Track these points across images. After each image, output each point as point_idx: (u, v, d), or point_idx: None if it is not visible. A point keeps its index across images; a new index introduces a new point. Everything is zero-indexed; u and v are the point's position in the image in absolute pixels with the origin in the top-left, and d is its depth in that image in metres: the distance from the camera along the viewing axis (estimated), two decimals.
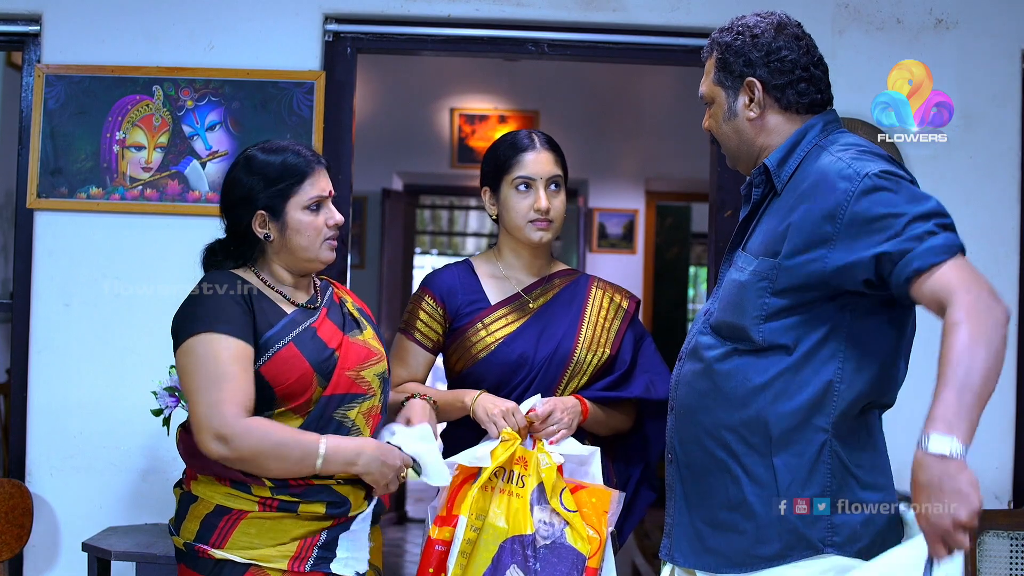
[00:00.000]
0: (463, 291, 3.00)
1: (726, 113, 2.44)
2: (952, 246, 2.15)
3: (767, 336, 2.27)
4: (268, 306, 2.55)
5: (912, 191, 2.20)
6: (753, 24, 2.42)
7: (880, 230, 2.16)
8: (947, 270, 2.13)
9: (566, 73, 7.32)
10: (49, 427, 3.76)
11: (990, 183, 3.87)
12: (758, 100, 2.39)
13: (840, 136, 2.38)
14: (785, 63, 2.39)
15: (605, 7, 3.89)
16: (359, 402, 2.59)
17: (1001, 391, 3.82)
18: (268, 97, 3.80)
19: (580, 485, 2.85)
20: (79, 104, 3.78)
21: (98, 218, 3.79)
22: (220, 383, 2.42)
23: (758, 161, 2.43)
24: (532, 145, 2.95)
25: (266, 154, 2.60)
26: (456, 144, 7.67)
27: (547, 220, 2.93)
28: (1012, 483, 3.86)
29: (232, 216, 2.61)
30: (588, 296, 3.02)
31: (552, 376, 2.93)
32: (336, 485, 2.52)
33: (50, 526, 3.76)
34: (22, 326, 3.80)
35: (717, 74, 2.43)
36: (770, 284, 2.27)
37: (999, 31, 3.87)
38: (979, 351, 2.07)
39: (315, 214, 2.59)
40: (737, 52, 2.40)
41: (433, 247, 12.95)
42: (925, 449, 2.02)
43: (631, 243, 7.79)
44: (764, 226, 2.36)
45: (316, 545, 2.52)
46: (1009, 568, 3.63)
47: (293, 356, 2.51)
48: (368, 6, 3.87)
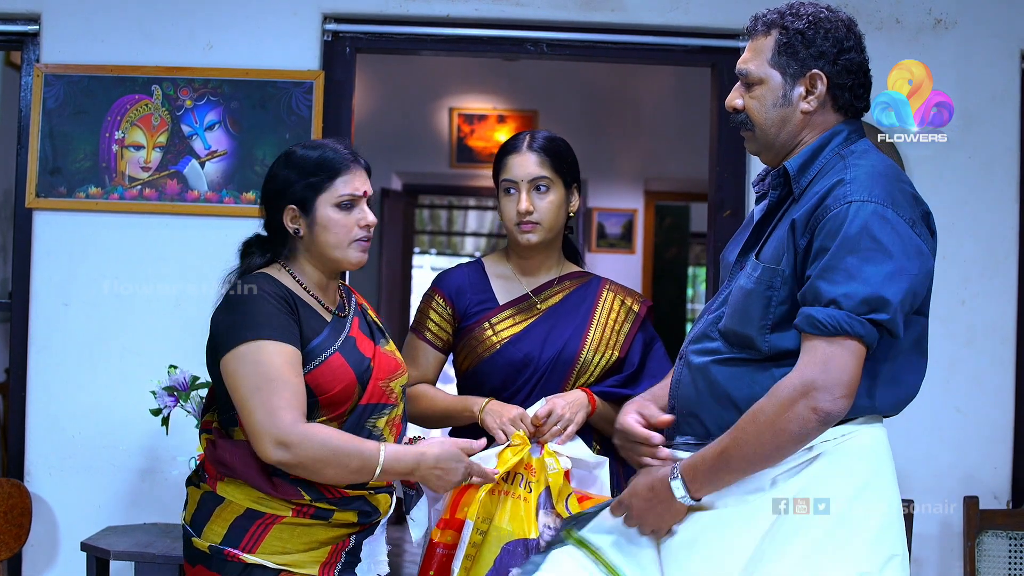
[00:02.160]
0: (472, 290, 3.01)
1: (779, 99, 2.32)
2: (844, 329, 2.12)
3: (773, 345, 2.24)
4: (309, 313, 2.52)
5: (882, 255, 2.14)
6: (824, 17, 2.32)
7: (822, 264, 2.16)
8: (815, 345, 2.14)
9: (565, 73, 7.31)
10: (48, 427, 3.76)
11: (989, 183, 3.87)
12: (819, 95, 2.30)
13: (860, 146, 2.33)
14: (852, 64, 2.32)
15: (604, 7, 3.89)
16: (387, 412, 2.58)
17: (999, 392, 3.86)
18: (267, 97, 3.80)
19: (587, 495, 2.85)
20: (78, 104, 3.78)
21: (97, 218, 3.79)
22: (277, 389, 2.37)
23: (789, 155, 2.35)
24: (517, 148, 2.94)
25: (305, 149, 2.59)
26: (455, 144, 7.67)
27: (531, 223, 2.91)
28: (1011, 483, 3.86)
29: (268, 210, 2.59)
30: (598, 298, 3.01)
31: (558, 377, 2.92)
32: (370, 496, 2.52)
33: (49, 526, 3.76)
34: (21, 326, 3.80)
35: (777, 57, 2.30)
36: (774, 293, 2.23)
37: (998, 31, 3.87)
38: (760, 430, 2.15)
39: (346, 212, 2.54)
40: (808, 41, 2.29)
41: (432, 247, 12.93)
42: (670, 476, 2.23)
43: (630, 243, 7.79)
44: (778, 232, 2.30)
45: (345, 550, 2.52)
46: (1008, 568, 3.64)
47: (340, 366, 2.48)
48: (367, 6, 3.87)
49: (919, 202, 2.27)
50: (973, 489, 3.79)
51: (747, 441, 2.15)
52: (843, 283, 2.12)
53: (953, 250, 3.83)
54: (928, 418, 3.81)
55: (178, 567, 3.28)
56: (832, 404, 2.11)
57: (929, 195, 3.83)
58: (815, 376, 2.11)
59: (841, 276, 2.12)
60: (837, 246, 2.13)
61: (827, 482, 2.20)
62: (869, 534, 2.20)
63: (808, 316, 2.14)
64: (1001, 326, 3.87)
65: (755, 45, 2.35)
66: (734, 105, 2.38)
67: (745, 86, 2.36)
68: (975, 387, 3.85)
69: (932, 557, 3.81)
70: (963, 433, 3.84)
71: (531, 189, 2.91)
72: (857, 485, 2.22)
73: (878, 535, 2.21)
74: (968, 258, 3.84)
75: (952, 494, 3.78)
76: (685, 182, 7.61)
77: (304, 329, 2.47)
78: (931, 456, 3.83)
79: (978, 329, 3.85)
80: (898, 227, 2.16)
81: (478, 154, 7.61)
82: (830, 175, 2.25)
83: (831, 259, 2.13)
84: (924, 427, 3.82)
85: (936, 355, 3.76)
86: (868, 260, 2.13)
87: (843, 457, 2.22)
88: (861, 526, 2.20)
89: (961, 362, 3.86)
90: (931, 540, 3.81)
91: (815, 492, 2.19)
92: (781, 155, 2.36)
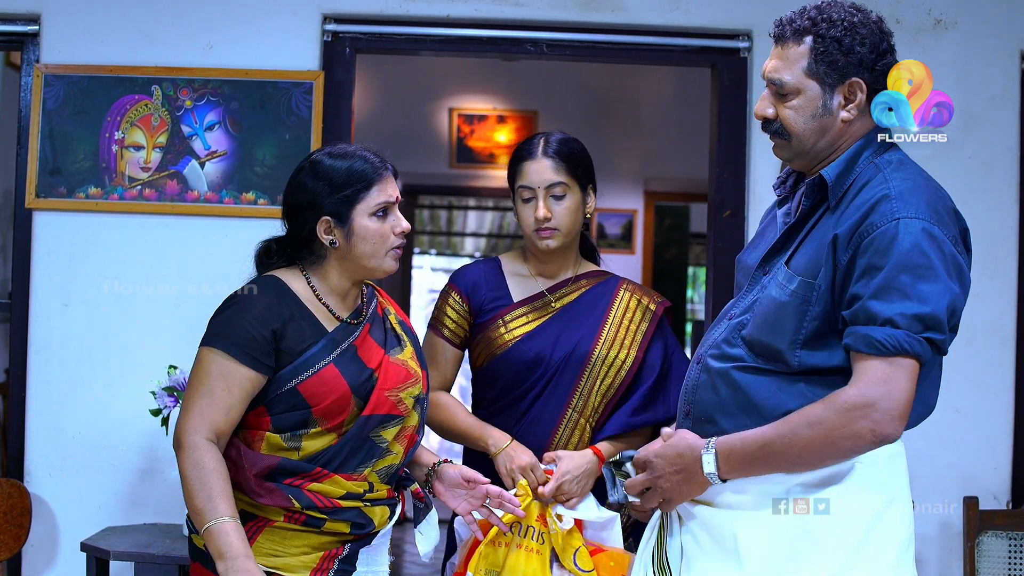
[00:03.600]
0: (487, 287, 3.01)
1: (819, 109, 2.25)
2: (904, 349, 2.10)
3: (803, 361, 2.20)
4: (308, 324, 2.51)
5: (933, 273, 2.11)
6: (859, 21, 2.27)
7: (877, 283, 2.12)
8: (872, 365, 2.11)
9: (565, 73, 7.31)
10: (48, 427, 3.76)
11: (989, 183, 3.87)
12: (859, 103, 2.26)
13: (895, 155, 2.30)
14: (888, 68, 2.29)
15: (604, 7, 3.89)
16: (396, 423, 2.56)
17: (999, 392, 3.86)
18: (267, 97, 3.79)
19: (599, 548, 2.86)
20: (78, 104, 3.78)
21: (97, 218, 3.79)
22: (202, 395, 2.42)
23: (824, 162, 2.30)
24: (532, 154, 2.94)
25: (333, 159, 2.55)
26: (455, 144, 7.67)
27: (550, 229, 2.92)
28: (1011, 483, 3.86)
29: (296, 220, 2.56)
30: (615, 297, 3.00)
31: (570, 376, 2.92)
32: (365, 507, 2.51)
33: (49, 526, 3.76)
34: (20, 326, 3.80)
35: (815, 65, 2.24)
36: (809, 308, 2.19)
37: (998, 31, 3.87)
38: (813, 437, 2.12)
39: (382, 221, 2.55)
40: (846, 49, 2.23)
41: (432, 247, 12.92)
42: (703, 451, 2.20)
43: (630, 243, 7.79)
44: (813, 242, 2.24)
45: (338, 558, 2.50)
46: (1008, 568, 3.64)
47: (334, 377, 2.48)
48: (367, 6, 3.87)
49: (959, 218, 2.24)
50: (973, 489, 3.79)
51: (796, 443, 2.12)
52: (899, 302, 2.09)
53: None
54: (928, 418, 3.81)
55: (178, 567, 3.29)
56: (890, 426, 2.10)
57: None
58: (878, 397, 2.09)
59: (896, 295, 2.09)
60: (891, 265, 2.10)
61: (855, 496, 2.20)
62: (894, 549, 2.22)
63: (865, 336, 2.10)
64: (1001, 326, 3.86)
65: (786, 53, 2.27)
66: (766, 115, 2.31)
67: (778, 95, 2.29)
68: (975, 387, 3.85)
69: (932, 557, 3.81)
70: (963, 433, 3.84)
71: (548, 195, 2.91)
72: (884, 500, 2.23)
73: (901, 551, 2.23)
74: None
75: (952, 494, 3.77)
76: (685, 182, 7.61)
77: (294, 343, 2.47)
78: (931, 456, 3.82)
79: (978, 329, 3.84)
80: (944, 245, 2.14)
81: (478, 154, 7.60)
82: (870, 187, 2.20)
83: (885, 278, 2.10)
84: (923, 427, 3.77)
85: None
86: (922, 278, 2.10)
87: (871, 471, 2.22)
88: (888, 540, 2.21)
89: (961, 362, 3.84)
90: (931, 540, 3.81)
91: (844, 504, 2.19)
92: (815, 162, 2.31)
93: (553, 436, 2.91)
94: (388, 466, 2.57)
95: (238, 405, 2.44)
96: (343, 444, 2.49)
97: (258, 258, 2.62)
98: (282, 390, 2.46)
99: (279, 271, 2.57)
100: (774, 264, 2.31)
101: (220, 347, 2.44)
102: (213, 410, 2.41)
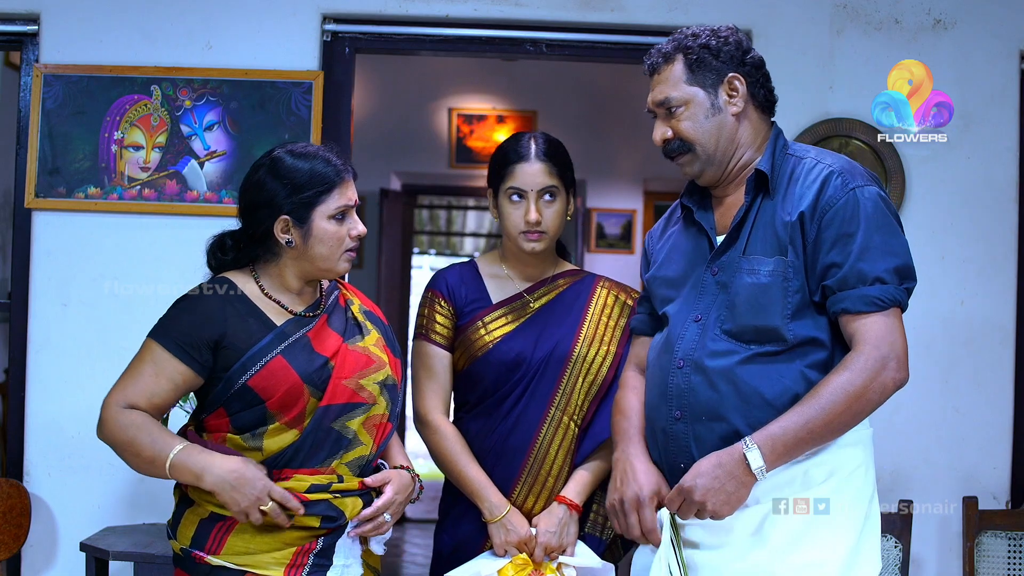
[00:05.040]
0: (466, 289, 3.00)
1: (708, 110, 2.46)
2: (897, 300, 2.31)
3: (797, 333, 2.34)
4: (257, 321, 2.53)
5: (897, 228, 2.36)
6: (715, 29, 2.50)
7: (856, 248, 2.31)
8: (872, 320, 2.29)
9: (564, 73, 7.31)
10: (47, 427, 3.76)
11: (988, 183, 3.87)
12: (742, 94, 2.46)
13: (796, 145, 2.51)
14: (756, 61, 2.50)
15: (603, 7, 3.89)
16: (360, 412, 2.56)
17: (998, 392, 3.86)
18: (266, 97, 3.80)
19: None
20: (77, 104, 3.78)
21: (96, 218, 3.79)
22: (129, 375, 2.52)
23: (730, 163, 2.49)
24: (526, 156, 2.91)
25: (294, 159, 2.55)
26: (454, 144, 7.67)
27: (538, 232, 2.90)
28: (1010, 483, 3.86)
29: (252, 218, 2.57)
30: (592, 294, 3.00)
31: (552, 376, 2.91)
32: (334, 499, 2.51)
33: (48, 526, 3.76)
34: (20, 326, 3.80)
35: (691, 75, 2.46)
36: (789, 283, 2.34)
37: (997, 31, 3.87)
38: (839, 398, 2.26)
39: (340, 224, 2.56)
40: (714, 51, 2.46)
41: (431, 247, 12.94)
42: (743, 449, 2.27)
43: (629, 243, 7.79)
44: (761, 228, 2.41)
45: (312, 552, 2.50)
46: (1007, 568, 3.64)
47: (282, 368, 2.49)
48: (366, 6, 3.87)
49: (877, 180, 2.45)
50: (972, 489, 3.79)
51: (834, 412, 2.26)
52: (880, 259, 2.30)
53: (952, 250, 3.83)
54: (927, 418, 3.81)
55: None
56: (904, 371, 2.30)
57: (928, 195, 3.88)
58: (889, 348, 2.27)
59: (876, 254, 2.30)
60: (863, 229, 2.31)
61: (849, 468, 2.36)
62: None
63: (862, 296, 2.28)
64: (1000, 326, 3.86)
65: (663, 77, 2.49)
66: (664, 137, 2.52)
67: (668, 115, 2.49)
68: (974, 387, 3.85)
69: (931, 557, 3.81)
70: (962, 433, 3.84)
71: (539, 198, 2.90)
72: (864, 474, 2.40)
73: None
74: (967, 258, 3.84)
75: (951, 494, 3.78)
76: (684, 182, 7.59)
77: (240, 342, 2.50)
78: (930, 456, 3.83)
79: (977, 329, 3.85)
80: (889, 205, 2.38)
81: (477, 154, 7.60)
82: (805, 168, 2.41)
83: (863, 241, 2.29)
84: (923, 427, 3.82)
85: (935, 355, 3.81)
86: (891, 235, 2.33)
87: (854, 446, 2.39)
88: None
89: (960, 362, 3.86)
90: (930, 540, 3.81)
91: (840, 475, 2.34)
92: (724, 164, 2.50)
93: (536, 436, 2.90)
94: (358, 457, 2.57)
95: (163, 395, 2.50)
96: (305, 438, 2.50)
97: (211, 253, 2.64)
98: (235, 388, 2.48)
99: (231, 273, 2.60)
100: (726, 261, 2.44)
101: (159, 339, 2.51)
102: (136, 391, 2.49)
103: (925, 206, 3.84)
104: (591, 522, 2.95)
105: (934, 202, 3.85)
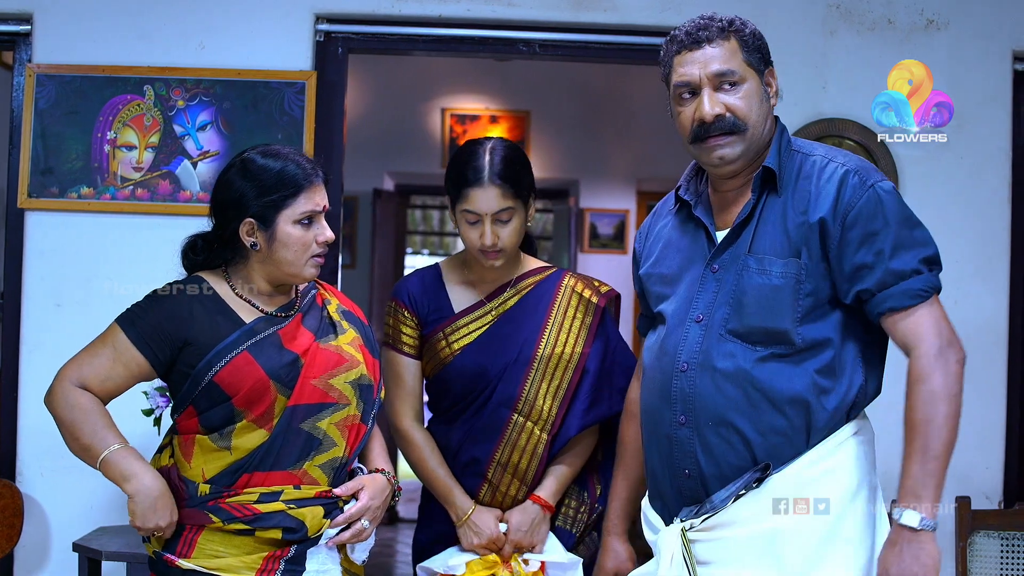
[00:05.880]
0: (428, 299, 2.96)
1: (762, 94, 2.39)
2: (937, 287, 2.30)
3: (805, 337, 2.29)
4: (225, 319, 2.51)
5: (916, 218, 2.34)
6: (743, 21, 2.42)
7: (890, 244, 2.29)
8: (918, 312, 2.27)
9: (557, 73, 7.31)
10: (40, 427, 3.74)
11: (981, 183, 3.88)
12: (776, 90, 2.43)
13: (798, 140, 2.46)
14: (771, 63, 2.45)
15: (596, 7, 3.89)
16: (329, 412, 2.52)
17: (991, 392, 3.86)
18: (259, 97, 3.79)
19: None
20: (70, 104, 3.77)
21: (89, 218, 3.79)
22: (86, 356, 2.53)
23: (759, 155, 2.40)
24: (480, 179, 2.81)
25: (264, 159, 2.53)
26: (447, 144, 7.66)
27: (496, 251, 2.85)
28: (1002, 483, 3.87)
29: (220, 217, 2.56)
30: (557, 291, 2.95)
31: (514, 381, 2.88)
32: (290, 510, 2.48)
33: (40, 526, 3.75)
34: (13, 326, 3.80)
35: (748, 55, 2.37)
36: (801, 286, 2.29)
37: (990, 32, 3.88)
38: (940, 408, 2.24)
39: (306, 229, 2.51)
40: (759, 40, 2.40)
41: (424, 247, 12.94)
42: (898, 520, 2.26)
43: (622, 243, 7.79)
44: (770, 225, 2.35)
45: (283, 559, 2.48)
46: (1000, 568, 3.64)
47: (247, 363, 2.46)
48: (359, 6, 3.86)
49: None
50: (965, 489, 3.79)
51: (947, 424, 2.25)
52: (912, 252, 2.28)
53: (945, 250, 3.79)
54: None
55: None
56: (961, 351, 2.28)
57: (921, 195, 3.88)
58: (945, 336, 2.26)
59: (908, 247, 2.28)
60: (891, 224, 2.28)
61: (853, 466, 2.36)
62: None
63: (906, 290, 2.26)
64: (993, 327, 3.87)
65: (719, 50, 2.36)
66: (716, 112, 2.36)
67: (726, 88, 2.36)
68: (967, 387, 3.79)
69: None
70: None
71: (494, 221, 2.83)
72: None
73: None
74: (960, 258, 3.84)
75: (944, 494, 3.77)
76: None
77: (207, 339, 2.49)
78: None
79: (970, 330, 3.81)
80: (902, 197, 2.36)
81: None
82: (817, 167, 2.35)
83: (895, 237, 2.27)
84: None
85: None
86: (915, 226, 2.32)
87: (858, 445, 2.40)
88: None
89: None
90: None
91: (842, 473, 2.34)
92: (754, 154, 2.40)
93: (498, 444, 2.88)
94: (331, 459, 2.54)
95: (116, 380, 2.51)
96: (275, 438, 2.47)
97: (184, 254, 2.64)
98: (202, 385, 2.47)
99: (205, 272, 2.60)
100: (728, 259, 2.37)
101: (123, 327, 2.51)
102: (92, 371, 2.50)
103: (918, 206, 3.77)
104: (562, 515, 2.95)
105: (927, 202, 3.84)
